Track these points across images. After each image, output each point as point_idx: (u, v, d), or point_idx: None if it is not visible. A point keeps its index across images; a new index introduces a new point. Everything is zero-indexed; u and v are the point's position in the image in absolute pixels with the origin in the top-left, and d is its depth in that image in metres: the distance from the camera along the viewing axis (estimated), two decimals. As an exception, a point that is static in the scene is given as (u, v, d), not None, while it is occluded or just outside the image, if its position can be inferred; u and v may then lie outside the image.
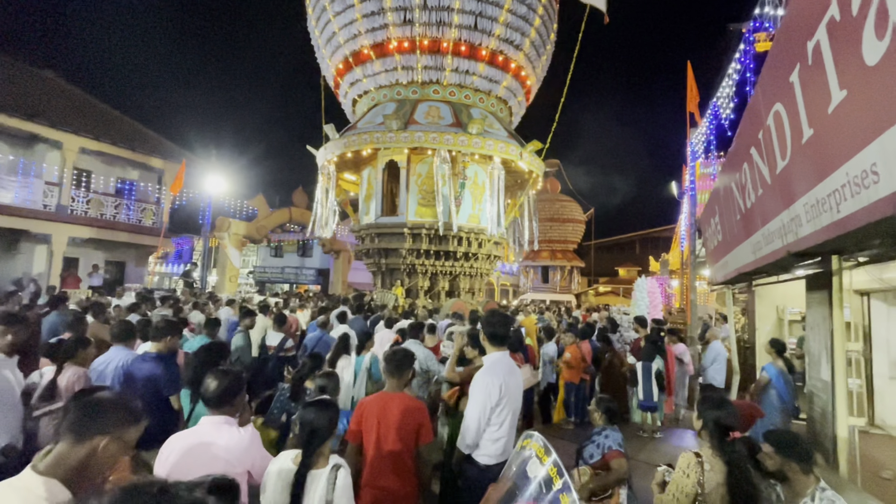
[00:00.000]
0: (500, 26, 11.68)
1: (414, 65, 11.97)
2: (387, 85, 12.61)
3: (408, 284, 12.00)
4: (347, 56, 12.56)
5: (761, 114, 3.10)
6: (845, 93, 1.80)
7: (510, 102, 13.50)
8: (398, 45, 11.76)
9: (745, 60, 5.22)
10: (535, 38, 12.46)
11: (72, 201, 13.23)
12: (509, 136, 12.27)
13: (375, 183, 12.19)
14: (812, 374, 4.32)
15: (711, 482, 2.02)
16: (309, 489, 1.82)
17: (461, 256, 12.02)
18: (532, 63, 12.94)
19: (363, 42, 12.07)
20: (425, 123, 11.48)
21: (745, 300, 9.85)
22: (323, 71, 13.91)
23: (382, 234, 11.95)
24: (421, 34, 11.48)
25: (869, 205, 1.71)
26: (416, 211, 11.61)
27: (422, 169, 11.66)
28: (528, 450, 1.59)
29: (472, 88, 12.42)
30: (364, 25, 11.80)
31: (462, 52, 11.74)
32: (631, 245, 41.09)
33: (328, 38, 12.76)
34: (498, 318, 2.71)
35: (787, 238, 2.82)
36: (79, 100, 15.19)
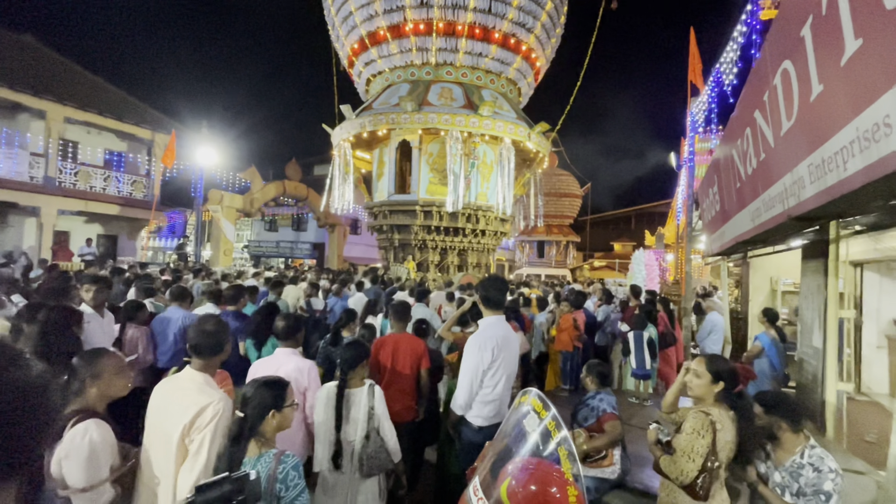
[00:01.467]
0: (514, 10, 11.95)
1: (429, 46, 12.24)
2: (401, 66, 12.92)
3: (419, 259, 12.53)
4: (363, 36, 12.78)
5: (768, 74, 3.00)
6: (860, 41, 1.72)
7: (520, 83, 13.82)
8: (414, 27, 12.00)
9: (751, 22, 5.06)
10: (546, 21, 12.75)
11: (59, 173, 12.94)
12: (518, 117, 12.59)
13: (388, 161, 12.68)
14: (804, 341, 4.38)
15: (721, 441, 2.04)
16: (351, 402, 2.44)
17: (470, 232, 12.49)
18: (542, 45, 13.24)
19: (379, 23, 12.29)
20: (438, 105, 11.81)
21: (738, 273, 9.93)
22: (337, 49, 14.19)
23: (395, 211, 12.46)
24: (437, 17, 11.74)
25: (879, 159, 1.66)
26: (427, 189, 12.11)
27: (433, 148, 12.07)
28: (526, 405, 1.58)
29: (484, 70, 12.77)
30: (381, 6, 12.00)
31: (476, 34, 12.06)
32: (626, 220, 41.10)
33: (344, 18, 12.95)
34: (494, 283, 2.71)
35: (789, 202, 2.78)
36: (61, 67, 14.63)
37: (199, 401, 1.78)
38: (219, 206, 15.79)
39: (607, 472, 2.90)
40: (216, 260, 16.10)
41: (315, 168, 35.68)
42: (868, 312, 6.71)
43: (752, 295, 7.95)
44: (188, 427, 1.74)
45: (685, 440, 2.05)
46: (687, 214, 9.09)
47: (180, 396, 1.83)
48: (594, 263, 33.25)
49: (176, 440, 1.74)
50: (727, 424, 2.09)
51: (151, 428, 1.86)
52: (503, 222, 13.32)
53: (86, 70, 15.45)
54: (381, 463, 2.38)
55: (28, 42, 14.70)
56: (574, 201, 29.73)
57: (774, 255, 6.05)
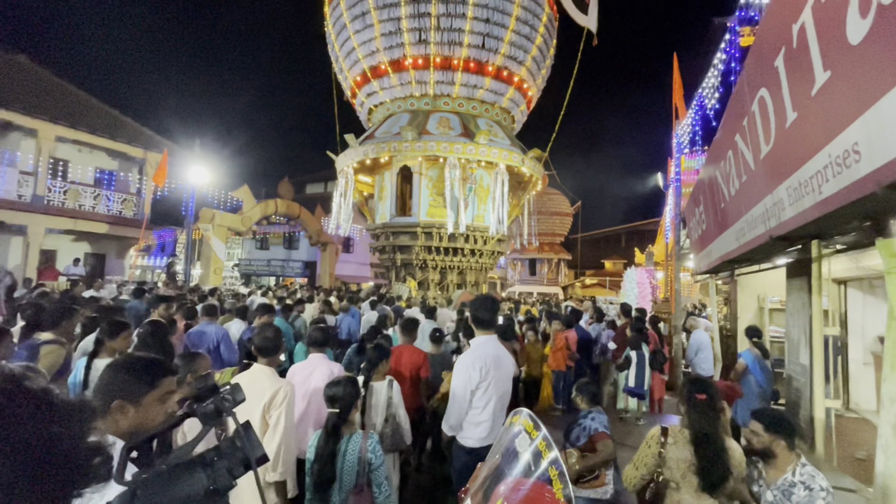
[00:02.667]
0: (506, 45, 12.96)
1: (427, 79, 13.16)
2: (401, 97, 13.80)
3: (419, 278, 13.15)
4: (365, 70, 13.72)
5: (746, 101, 3.13)
6: (829, 73, 1.82)
7: (513, 111, 14.77)
8: (413, 62, 12.94)
9: (731, 50, 5.28)
10: (536, 54, 13.77)
11: (48, 191, 12.83)
12: (512, 143, 13.50)
13: (390, 185, 13.44)
14: (791, 358, 4.44)
15: (673, 455, 2.05)
16: (373, 394, 3.00)
17: (468, 252, 13.29)
18: (533, 76, 14.23)
19: (381, 58, 13.25)
20: (437, 133, 12.68)
21: (727, 290, 10.06)
22: (340, 80, 15.14)
23: (397, 233, 13.16)
24: (434, 52, 12.69)
25: (850, 184, 1.74)
26: (427, 211, 12.87)
27: (433, 173, 12.89)
28: (517, 426, 1.59)
29: (479, 100, 13.68)
30: (382, 43, 12.95)
31: (471, 68, 13.01)
32: (617, 238, 41.54)
33: (347, 53, 13.93)
34: (484, 303, 2.70)
35: (770, 223, 2.87)
36: (54, 86, 14.65)
37: (272, 386, 2.33)
38: (210, 225, 15.71)
39: (600, 493, 2.88)
40: (206, 278, 15.93)
41: (308, 186, 35.78)
42: (853, 329, 6.82)
43: (740, 312, 8.04)
44: (268, 406, 2.29)
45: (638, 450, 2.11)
46: (675, 233, 9.25)
47: (256, 384, 2.31)
48: (585, 281, 33.42)
49: (258, 416, 2.26)
50: (680, 440, 2.10)
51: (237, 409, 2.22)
52: (499, 242, 14.04)
53: (80, 90, 15.48)
54: (397, 442, 2.95)
55: (22, 62, 14.74)
56: (564, 219, 30.06)
57: (761, 273, 6.15)
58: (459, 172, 12.24)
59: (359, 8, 13.01)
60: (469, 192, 12.68)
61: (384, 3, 12.62)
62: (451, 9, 12.33)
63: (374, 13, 12.76)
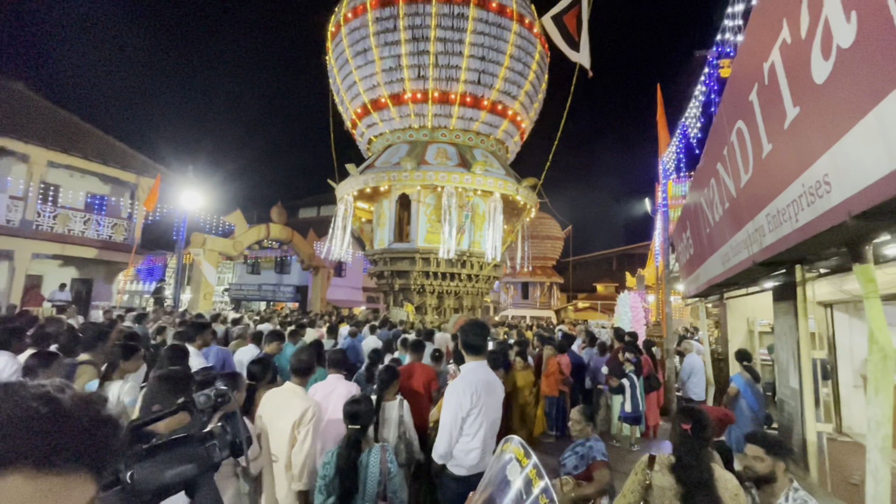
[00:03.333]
0: (500, 81, 13.80)
1: (425, 113, 13.89)
2: (401, 128, 14.50)
3: (417, 302, 13.51)
4: (366, 102, 14.41)
5: (725, 131, 3.27)
6: (798, 109, 1.93)
7: (507, 142, 15.55)
8: (412, 95, 13.65)
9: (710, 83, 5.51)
10: (529, 89, 14.61)
11: (37, 216, 12.73)
12: (507, 173, 14.22)
13: (389, 212, 13.96)
14: (781, 381, 4.46)
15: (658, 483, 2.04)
16: (386, 411, 3.30)
17: (465, 277, 13.74)
18: (526, 109, 15.06)
19: (381, 92, 13.94)
20: (435, 164, 13.33)
21: (717, 313, 10.14)
22: (341, 112, 15.87)
23: (395, 258, 13.58)
24: (433, 87, 13.43)
25: (823, 213, 1.82)
26: (425, 237, 13.31)
27: (431, 200, 13.45)
28: (508, 454, 1.58)
29: (475, 132, 14.45)
30: (383, 78, 13.68)
31: (467, 102, 13.76)
32: (608, 261, 41.88)
33: (349, 86, 14.62)
34: (473, 328, 2.69)
35: (753, 248, 2.95)
36: (49, 112, 14.76)
37: (302, 405, 2.59)
38: (201, 250, 15.62)
39: (595, 523, 2.84)
40: (196, 303, 15.72)
41: (300, 211, 35.86)
42: (842, 352, 6.88)
43: (730, 335, 8.09)
44: (297, 422, 2.54)
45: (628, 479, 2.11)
46: (664, 257, 9.38)
47: (288, 402, 2.64)
48: (578, 304, 33.46)
49: (289, 431, 2.53)
50: (666, 468, 2.09)
51: (269, 422, 2.64)
52: (495, 267, 14.48)
53: (74, 115, 15.60)
54: (409, 455, 3.26)
55: (18, 89, 14.88)
56: (556, 243, 30.32)
57: (750, 297, 6.24)
58: (456, 200, 12.82)
59: (361, 45, 13.75)
60: (466, 219, 13.19)
61: (385, 41, 13.33)
62: (448, 47, 13.10)
63: (375, 50, 13.50)
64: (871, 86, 1.37)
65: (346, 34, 14.04)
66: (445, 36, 13.07)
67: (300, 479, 2.52)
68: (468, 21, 13.06)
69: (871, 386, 2.25)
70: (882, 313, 2.13)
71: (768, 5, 2.26)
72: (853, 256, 2.18)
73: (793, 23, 1.86)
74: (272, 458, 2.61)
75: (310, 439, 2.54)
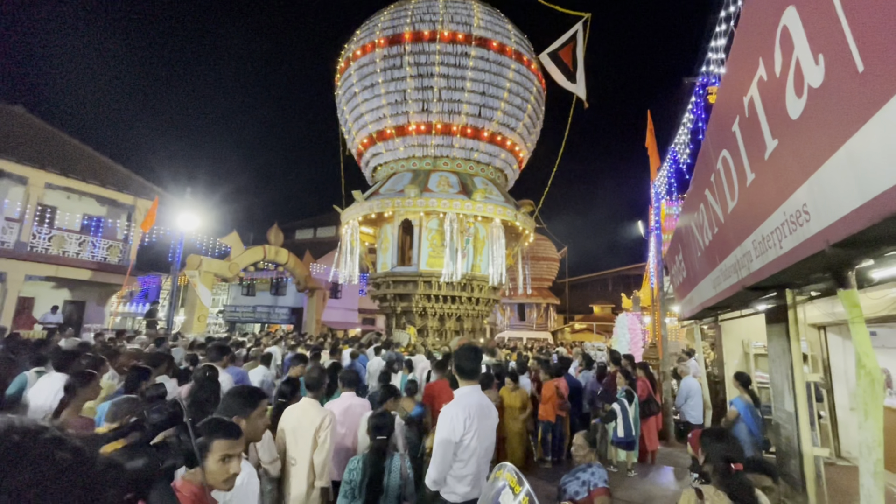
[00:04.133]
0: (499, 114, 14.62)
1: (429, 143, 14.65)
2: (405, 157, 15.19)
3: (419, 325, 13.87)
4: (372, 133, 15.21)
5: (712, 159, 3.38)
6: (777, 142, 2.02)
7: (506, 171, 16.30)
8: (416, 127, 14.44)
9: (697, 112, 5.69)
10: (527, 121, 15.42)
11: (32, 238, 12.70)
12: (506, 200, 14.89)
13: (392, 237, 14.48)
14: (776, 405, 4.45)
15: None
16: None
17: (466, 300, 14.19)
18: (524, 140, 15.84)
19: (387, 123, 14.72)
20: (437, 191, 13.99)
21: (713, 335, 10.15)
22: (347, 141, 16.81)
23: (398, 281, 14.04)
24: (436, 120, 14.23)
25: (804, 241, 1.88)
26: (427, 261, 13.79)
27: (433, 224, 14.01)
28: (501, 480, 1.59)
29: (475, 161, 15.20)
30: (389, 111, 14.48)
31: (468, 133, 14.53)
32: (604, 283, 41.96)
33: (356, 118, 15.37)
34: (467, 353, 2.69)
35: (742, 273, 3.01)
36: (48, 135, 14.91)
37: (320, 414, 3.07)
38: (196, 271, 15.56)
39: (592, 551, 2.79)
40: (189, 326, 15.55)
41: (297, 232, 35.90)
42: (836, 375, 6.88)
43: (726, 358, 8.09)
44: (318, 429, 2.99)
45: None
46: (658, 280, 9.45)
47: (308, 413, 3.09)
48: (574, 326, 33.33)
49: (310, 437, 2.98)
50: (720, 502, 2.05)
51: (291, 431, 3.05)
52: (494, 290, 15.03)
53: (73, 138, 15.77)
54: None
55: (18, 112, 15.07)
56: (552, 264, 30.42)
57: (744, 319, 6.27)
58: (458, 226, 13.41)
59: (369, 80, 14.60)
60: (467, 243, 13.78)
61: (392, 77, 14.18)
62: (451, 83, 14.00)
63: (382, 85, 14.36)
64: (841, 123, 1.46)
65: (355, 70, 14.90)
66: (448, 73, 13.95)
67: (321, 477, 2.97)
68: (470, 59, 14.02)
69: (861, 410, 2.27)
70: (868, 337, 2.18)
71: (745, 44, 2.38)
72: (837, 282, 2.24)
73: (767, 62, 1.97)
74: (290, 462, 3.04)
75: (328, 442, 3.00)
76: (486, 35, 14.36)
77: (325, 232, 34.46)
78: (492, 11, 15.52)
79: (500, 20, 15.33)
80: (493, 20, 15.01)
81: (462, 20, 14.37)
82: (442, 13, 14.34)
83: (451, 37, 13.99)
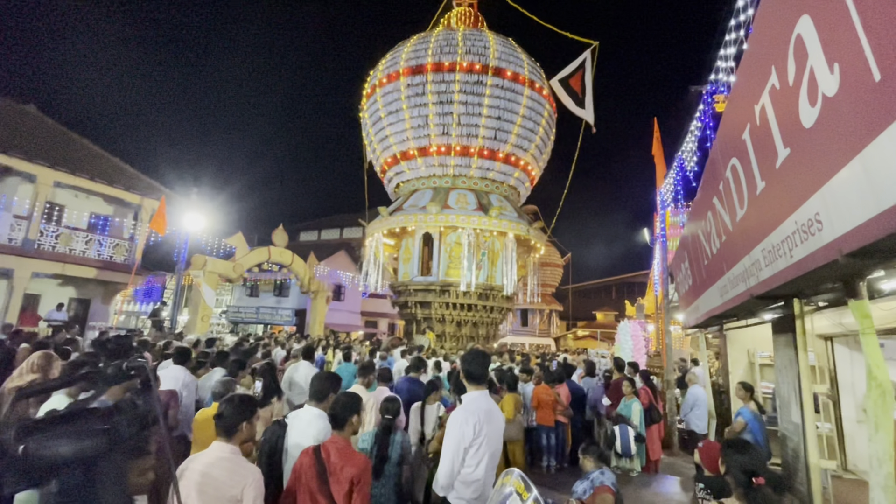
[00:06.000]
0: (514, 137, 15.97)
1: (448, 163, 16.08)
2: (426, 176, 16.64)
3: (438, 330, 15.09)
4: (396, 154, 16.66)
5: (720, 167, 3.36)
6: (789, 150, 2.01)
7: (519, 188, 17.71)
8: (437, 149, 15.83)
9: (705, 120, 5.69)
10: (538, 142, 16.77)
11: (40, 235, 12.80)
12: (519, 216, 16.20)
13: (413, 249, 15.88)
14: (783, 416, 4.41)
15: None
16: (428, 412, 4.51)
17: (481, 308, 15.43)
18: (536, 160, 17.26)
19: (410, 145, 16.17)
20: (456, 208, 15.34)
21: (717, 344, 10.07)
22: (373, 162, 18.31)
23: (419, 290, 15.30)
24: (455, 143, 15.63)
25: (816, 250, 1.87)
26: (446, 272, 15.10)
27: (451, 239, 15.33)
28: (509, 486, 1.59)
29: (491, 179, 16.56)
30: (412, 134, 15.94)
31: (485, 155, 15.93)
32: (608, 290, 41.80)
33: (381, 139, 16.85)
34: (475, 357, 2.68)
35: (750, 282, 3.00)
36: (58, 134, 15.06)
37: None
38: (201, 272, 15.63)
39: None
40: (193, 325, 15.60)
41: (301, 234, 36.04)
42: (843, 386, 6.80)
43: (731, 367, 8.02)
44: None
45: None
46: (663, 287, 9.41)
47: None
48: (578, 332, 33.17)
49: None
50: None
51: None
52: (508, 299, 16.24)
53: (83, 138, 15.92)
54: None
55: (30, 111, 15.24)
56: (556, 270, 30.34)
57: (750, 328, 6.22)
58: (475, 240, 14.78)
59: (394, 105, 16.04)
60: (483, 256, 15.07)
61: (416, 104, 15.67)
62: (469, 109, 15.41)
63: (406, 111, 15.84)
64: (857, 132, 1.45)
65: (381, 96, 16.31)
66: (467, 100, 15.30)
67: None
68: (486, 87, 15.39)
69: (871, 423, 2.25)
70: (879, 349, 2.16)
71: (758, 52, 2.38)
72: (848, 292, 2.22)
73: (781, 70, 1.97)
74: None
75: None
76: (501, 65, 15.63)
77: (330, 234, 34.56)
78: (506, 42, 16.76)
79: (513, 50, 16.56)
80: (508, 50, 16.26)
81: (479, 51, 15.70)
82: (460, 45, 15.76)
83: (469, 67, 15.38)
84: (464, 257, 14.60)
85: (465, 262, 14.45)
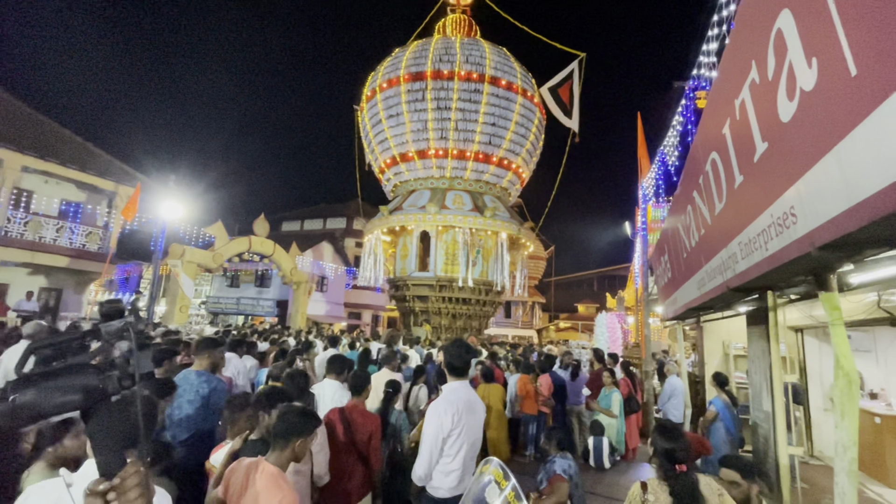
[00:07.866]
0: (506, 142, 17.12)
1: (445, 166, 17.11)
2: (423, 177, 17.61)
3: (434, 323, 16.25)
4: (395, 155, 17.62)
5: (700, 161, 3.41)
6: (767, 145, 2.04)
7: (510, 189, 18.95)
8: (435, 152, 16.86)
9: (687, 115, 5.76)
10: (529, 147, 18.00)
11: (7, 222, 12.29)
12: (511, 216, 17.41)
13: (411, 246, 16.92)
14: (755, 405, 4.55)
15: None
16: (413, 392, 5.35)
17: (475, 302, 16.53)
18: (527, 163, 18.56)
19: (409, 148, 17.15)
20: (453, 208, 16.44)
21: (694, 336, 10.33)
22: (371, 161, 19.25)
23: (416, 285, 16.42)
24: (452, 146, 16.68)
25: (790, 243, 1.91)
26: (442, 268, 16.14)
27: (447, 237, 16.37)
28: (487, 475, 1.59)
29: (485, 181, 17.73)
30: (411, 137, 16.92)
31: (479, 158, 17.06)
32: (589, 282, 42.42)
33: (381, 141, 17.80)
34: (457, 349, 2.70)
35: (727, 274, 3.06)
36: (25, 116, 14.40)
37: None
38: (179, 261, 15.26)
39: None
40: (171, 316, 15.27)
41: (283, 224, 35.46)
42: (812, 376, 7.08)
43: (707, 358, 8.24)
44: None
45: None
46: (643, 280, 9.57)
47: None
48: (559, 324, 33.63)
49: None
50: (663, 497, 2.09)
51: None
52: (499, 294, 17.29)
53: (51, 120, 15.25)
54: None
55: (-5, 92, 14.52)
56: (539, 263, 30.62)
57: (725, 320, 6.39)
58: (470, 239, 15.90)
59: (394, 109, 16.97)
60: (477, 253, 16.13)
61: (415, 109, 16.58)
62: (466, 115, 16.44)
63: (406, 115, 16.75)
64: (832, 126, 1.47)
65: (381, 100, 17.21)
66: (464, 106, 16.32)
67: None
68: (483, 95, 16.44)
69: (838, 410, 2.33)
70: (846, 339, 2.22)
71: (739, 46, 2.40)
72: (819, 284, 2.28)
73: (760, 64, 1.99)
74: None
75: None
76: (497, 75, 16.72)
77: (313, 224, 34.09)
78: (500, 52, 17.84)
79: (507, 60, 17.66)
80: (502, 60, 17.38)
81: (476, 61, 16.75)
82: (458, 54, 16.76)
83: (467, 76, 16.39)
84: (460, 255, 15.79)
85: (462, 260, 15.67)
